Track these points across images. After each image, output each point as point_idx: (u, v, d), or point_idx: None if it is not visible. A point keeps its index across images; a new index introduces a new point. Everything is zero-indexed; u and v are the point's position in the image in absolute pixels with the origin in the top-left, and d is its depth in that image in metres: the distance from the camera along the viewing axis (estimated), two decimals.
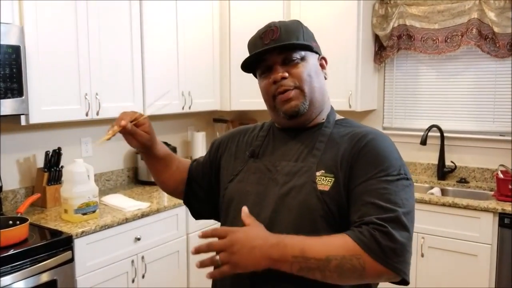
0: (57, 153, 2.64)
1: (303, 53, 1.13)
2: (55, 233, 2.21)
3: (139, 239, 2.53)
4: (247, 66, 1.18)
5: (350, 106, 3.21)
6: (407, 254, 0.97)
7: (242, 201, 1.15)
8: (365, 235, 0.95)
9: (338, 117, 1.22)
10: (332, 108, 1.23)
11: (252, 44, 1.16)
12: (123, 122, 1.17)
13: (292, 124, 1.17)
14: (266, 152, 1.21)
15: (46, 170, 2.61)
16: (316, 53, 1.18)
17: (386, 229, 0.95)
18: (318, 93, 1.15)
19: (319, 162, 1.09)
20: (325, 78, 1.19)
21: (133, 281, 2.51)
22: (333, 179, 1.05)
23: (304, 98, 1.12)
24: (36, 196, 2.40)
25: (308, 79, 1.12)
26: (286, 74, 1.11)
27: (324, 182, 1.06)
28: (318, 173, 1.07)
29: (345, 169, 1.06)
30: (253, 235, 0.99)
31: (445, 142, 3.27)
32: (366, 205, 1.00)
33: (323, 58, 1.21)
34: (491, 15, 2.95)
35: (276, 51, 1.11)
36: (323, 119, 1.19)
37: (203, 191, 1.37)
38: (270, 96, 1.15)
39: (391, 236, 0.94)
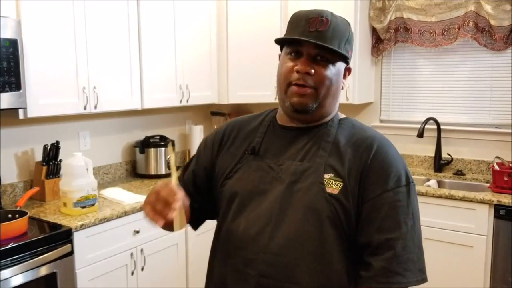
0: (56, 147, 2.64)
1: (336, 58, 1.13)
2: (55, 226, 2.22)
3: (138, 232, 2.55)
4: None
5: (347, 99, 3.21)
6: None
7: (244, 200, 1.15)
8: None
9: (340, 115, 1.22)
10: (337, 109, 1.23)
11: (296, 21, 1.14)
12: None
13: (295, 117, 1.17)
14: (267, 150, 1.19)
15: (44, 163, 2.62)
16: (346, 62, 1.18)
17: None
18: (330, 100, 1.15)
19: (326, 164, 1.10)
20: (342, 88, 1.19)
21: (132, 273, 2.53)
22: (341, 183, 1.08)
23: (315, 100, 1.12)
24: (35, 189, 2.41)
25: (327, 84, 1.12)
26: (312, 71, 1.10)
27: (333, 186, 1.08)
28: (326, 176, 1.09)
29: (355, 180, 1.08)
30: None
31: (442, 135, 3.28)
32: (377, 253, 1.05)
33: (349, 68, 1.20)
34: (488, 8, 2.96)
35: (314, 44, 1.10)
36: (328, 120, 1.19)
37: (201, 196, 1.29)
38: (287, 81, 1.14)
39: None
